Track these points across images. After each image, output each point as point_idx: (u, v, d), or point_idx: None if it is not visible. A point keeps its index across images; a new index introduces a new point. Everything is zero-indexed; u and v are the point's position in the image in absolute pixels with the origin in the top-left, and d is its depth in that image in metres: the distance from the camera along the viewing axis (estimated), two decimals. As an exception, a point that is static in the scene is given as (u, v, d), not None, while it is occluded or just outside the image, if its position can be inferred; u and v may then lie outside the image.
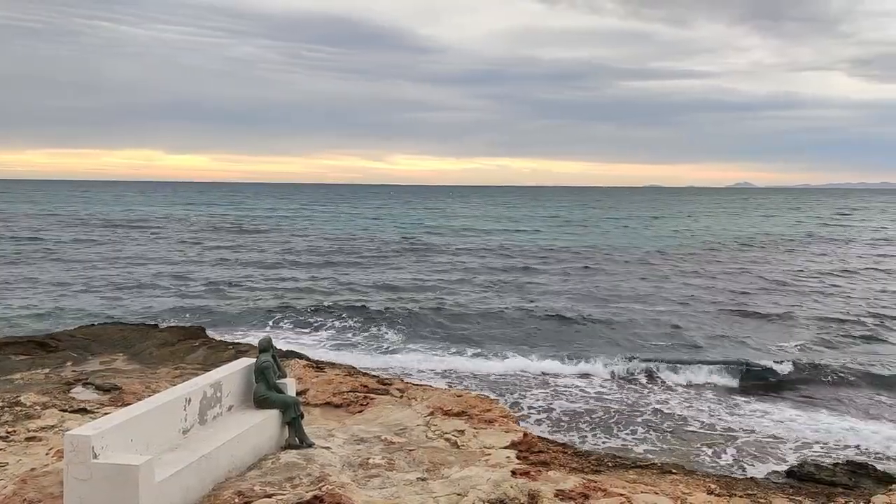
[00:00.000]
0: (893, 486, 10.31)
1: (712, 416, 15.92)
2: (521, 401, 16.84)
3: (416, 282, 35.77)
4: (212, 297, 30.72)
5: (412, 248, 52.93)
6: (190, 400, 8.60)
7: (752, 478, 12.17)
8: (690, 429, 15.08)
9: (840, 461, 12.88)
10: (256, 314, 27.11)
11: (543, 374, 19.24)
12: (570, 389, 17.80)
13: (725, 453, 13.81)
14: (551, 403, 16.67)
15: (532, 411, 16.10)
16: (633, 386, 18.22)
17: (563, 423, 15.36)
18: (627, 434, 14.74)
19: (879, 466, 12.57)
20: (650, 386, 18.23)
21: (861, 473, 12.04)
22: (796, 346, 23.07)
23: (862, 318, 27.07)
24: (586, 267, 42.17)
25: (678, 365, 20.28)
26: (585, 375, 19.18)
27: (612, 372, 19.46)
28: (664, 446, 14.09)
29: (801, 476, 12.08)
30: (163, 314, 26.76)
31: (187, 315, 26.56)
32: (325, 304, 29.24)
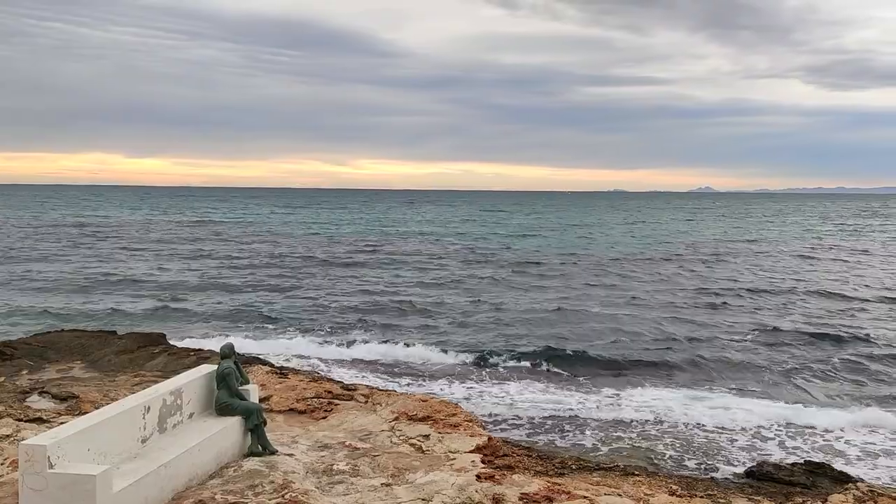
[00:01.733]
0: (850, 485, 10.54)
1: (673, 416, 16.09)
2: (485, 405, 16.84)
3: (382, 285, 35.63)
4: (173, 304, 30.23)
5: (375, 252, 52.73)
6: (149, 408, 8.45)
7: (712, 478, 12.36)
8: (653, 430, 15.23)
9: (798, 461, 13.14)
10: (218, 320, 26.76)
11: (509, 378, 19.28)
12: (534, 393, 17.86)
13: (687, 454, 13.97)
14: (515, 407, 16.70)
15: (497, 415, 16.12)
16: (595, 389, 18.34)
17: (527, 427, 15.41)
18: (591, 436, 14.84)
19: (837, 466, 12.86)
20: (611, 388, 18.36)
21: (819, 473, 12.28)
22: (750, 344, 23.48)
23: (810, 316, 27.69)
24: (541, 275, 42.32)
25: (638, 366, 20.55)
26: (548, 379, 19.27)
27: (574, 375, 19.58)
28: (627, 448, 14.21)
29: (760, 476, 12.29)
30: (122, 321, 26.26)
31: (147, 321, 26.09)
32: (290, 309, 28.99)
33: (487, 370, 20.02)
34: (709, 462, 13.56)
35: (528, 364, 20.68)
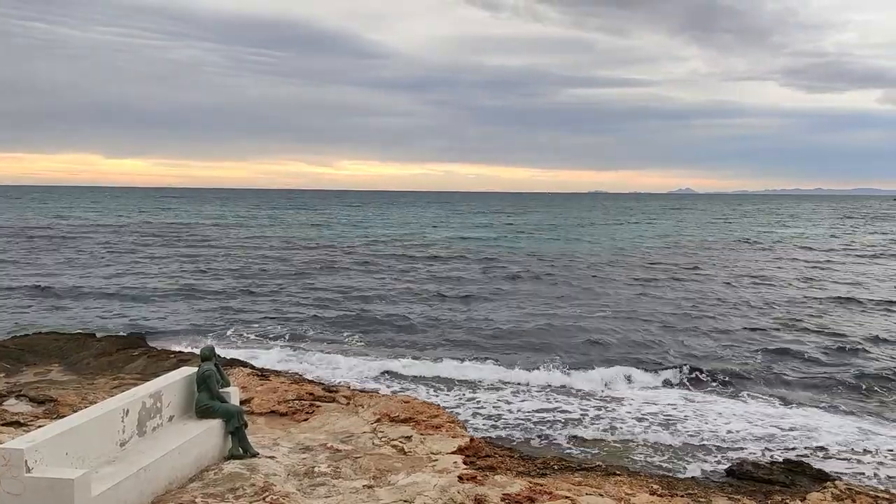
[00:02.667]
0: (828, 483, 10.65)
1: (654, 416, 16.19)
2: (467, 406, 16.86)
3: (363, 289, 35.55)
4: (152, 306, 29.97)
5: (358, 255, 52.60)
6: (128, 411, 8.37)
7: (693, 477, 12.46)
8: (634, 430, 15.30)
9: (778, 460, 13.27)
10: (199, 322, 26.54)
11: (489, 379, 19.30)
12: (516, 395, 17.90)
13: (668, 453, 14.05)
14: (498, 408, 16.73)
15: (479, 416, 16.13)
16: (576, 390, 18.40)
17: (510, 428, 15.42)
18: (573, 437, 14.87)
19: (815, 465, 13.00)
20: (592, 389, 18.44)
21: (797, 472, 12.42)
22: (730, 344, 23.67)
23: (786, 316, 27.98)
24: (517, 277, 42.40)
25: (618, 368, 20.62)
26: (529, 380, 19.29)
27: (556, 377, 19.62)
28: (609, 448, 14.26)
29: (739, 475, 12.41)
30: (101, 323, 26.00)
31: (127, 324, 25.85)
32: (271, 311, 28.84)
33: (469, 372, 20.00)
34: (689, 461, 13.64)
35: (509, 366, 20.69)
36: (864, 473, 13.22)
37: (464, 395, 17.83)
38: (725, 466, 13.04)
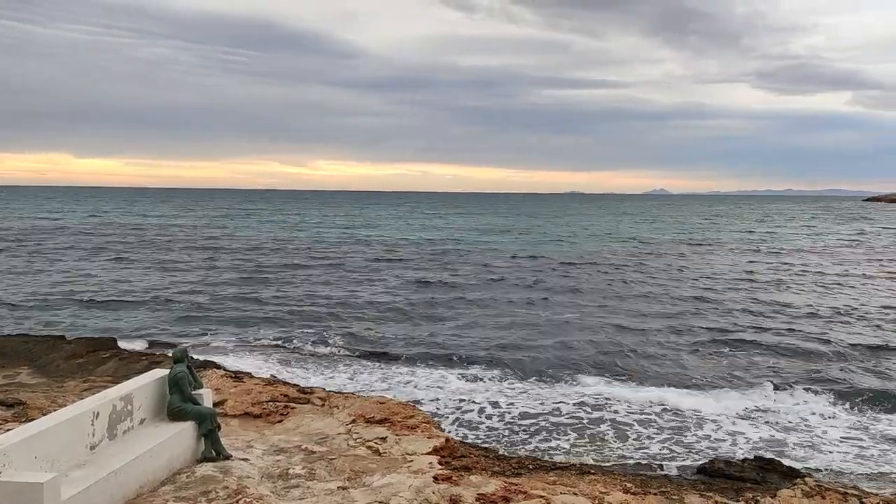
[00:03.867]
0: (798, 480, 10.81)
1: (627, 415, 16.32)
2: (443, 407, 16.87)
3: (338, 291, 35.43)
4: (123, 307, 29.60)
5: (332, 256, 52.42)
6: (98, 414, 8.26)
7: (666, 475, 12.57)
8: (608, 429, 15.42)
9: (749, 457, 13.43)
10: (171, 324, 26.27)
11: (465, 380, 19.34)
12: (491, 394, 17.94)
13: (641, 451, 14.17)
14: (474, 409, 16.76)
15: (455, 417, 16.15)
16: (551, 390, 18.50)
17: (485, 428, 15.47)
18: (548, 436, 14.96)
19: (786, 462, 13.19)
20: (567, 389, 18.55)
21: (768, 468, 12.60)
22: (700, 342, 23.93)
23: (759, 315, 28.35)
24: (492, 279, 42.59)
25: (591, 367, 20.81)
26: (505, 380, 19.38)
27: (529, 378, 19.72)
28: (583, 447, 14.36)
29: (711, 472, 12.55)
30: (70, 325, 25.64)
31: (97, 326, 25.51)
32: (245, 313, 28.62)
33: (444, 372, 20.03)
34: (663, 459, 13.76)
35: (484, 366, 20.74)
36: (833, 470, 13.44)
37: (440, 395, 17.84)
38: (698, 464, 13.18)
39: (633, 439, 14.88)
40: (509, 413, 16.48)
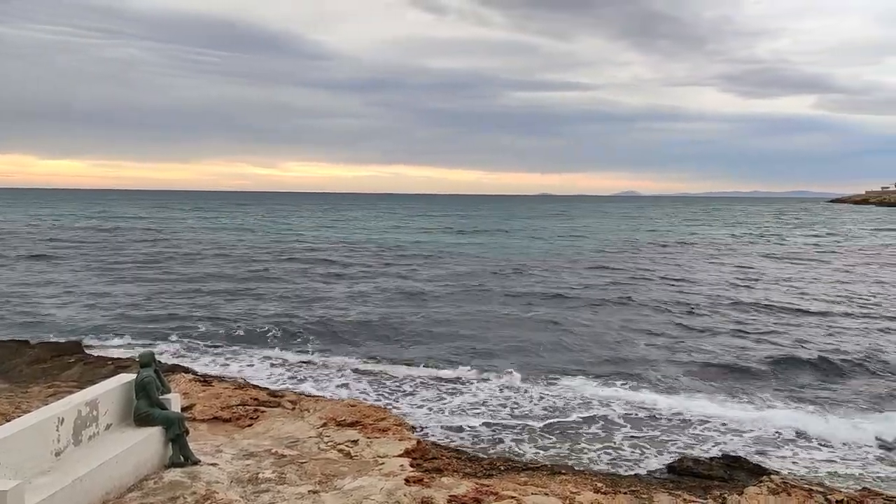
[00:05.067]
0: (765, 477, 10.97)
1: (598, 414, 16.43)
2: (415, 408, 16.83)
3: (307, 293, 35.21)
4: (88, 311, 29.10)
5: (302, 258, 52.11)
6: (63, 419, 8.12)
7: (636, 474, 12.69)
8: (579, 429, 15.51)
9: (717, 455, 13.62)
10: (138, 328, 25.87)
11: (438, 380, 19.33)
12: (463, 395, 17.95)
13: (612, 451, 14.26)
14: (446, 410, 16.75)
15: (427, 418, 16.11)
16: (522, 389, 18.56)
17: (457, 429, 15.46)
18: (520, 437, 14.98)
19: (753, 459, 13.39)
20: (538, 388, 18.62)
21: (735, 466, 12.79)
22: (670, 341, 24.20)
23: (726, 314, 28.77)
24: (461, 278, 42.70)
25: (563, 366, 20.93)
26: (475, 380, 19.39)
27: (501, 377, 19.78)
28: (555, 447, 14.41)
29: (680, 471, 12.71)
30: (34, 329, 25.14)
31: (61, 330, 25.06)
32: (213, 316, 28.30)
33: (416, 374, 20.00)
34: (633, 458, 13.88)
35: (455, 367, 20.75)
36: (799, 466, 13.66)
37: (412, 397, 17.80)
38: (667, 463, 13.32)
39: (605, 439, 14.98)
40: (481, 414, 16.50)
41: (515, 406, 17.13)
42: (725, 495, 10.22)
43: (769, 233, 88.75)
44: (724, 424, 16.05)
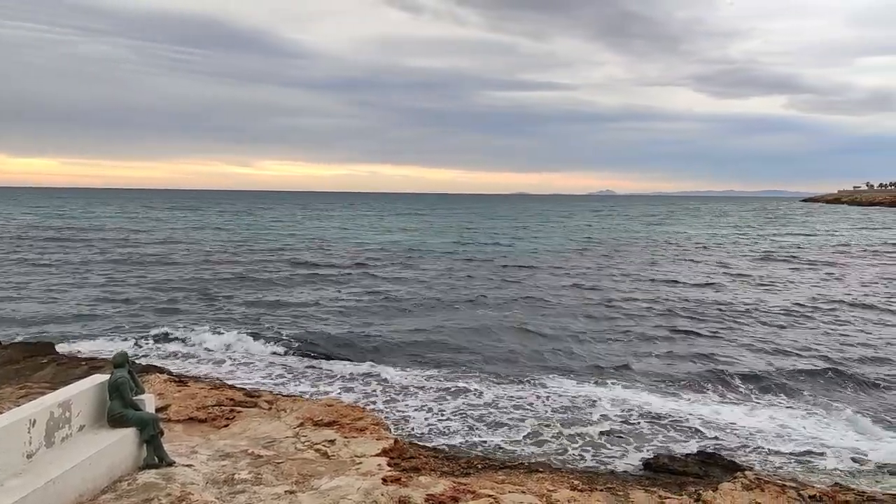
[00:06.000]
0: (739, 473, 11.10)
1: (575, 412, 16.53)
2: (393, 408, 16.82)
3: (282, 292, 35.03)
4: (61, 311, 28.72)
5: (276, 258, 51.82)
6: (35, 421, 8.00)
7: (612, 472, 12.78)
8: (556, 427, 15.58)
9: (692, 452, 13.76)
10: (111, 328, 25.57)
11: (417, 379, 19.32)
12: (441, 394, 17.96)
13: (588, 448, 14.35)
14: (423, 410, 16.75)
15: (404, 418, 16.11)
16: (500, 387, 18.62)
17: (435, 428, 15.47)
18: (497, 435, 15.03)
19: (727, 456, 13.54)
20: (516, 386, 18.69)
21: (710, 463, 12.93)
22: (646, 339, 24.41)
23: (698, 312, 29.08)
24: (434, 276, 42.72)
25: (540, 363, 21.05)
26: (454, 378, 19.42)
27: (479, 375, 19.83)
28: (532, 445, 14.47)
29: (656, 468, 12.82)
30: (5, 330, 24.74)
31: (34, 331, 24.69)
32: (188, 316, 28.06)
33: (395, 373, 19.98)
34: (609, 456, 13.98)
35: (435, 367, 20.78)
36: (774, 463, 13.84)
37: (390, 396, 17.77)
38: (643, 460, 13.43)
39: (582, 437, 15.06)
40: (459, 413, 16.51)
41: (493, 406, 17.17)
42: (700, 491, 10.32)
43: (748, 232, 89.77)
44: (699, 422, 16.21)
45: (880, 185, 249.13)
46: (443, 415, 16.42)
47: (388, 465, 10.42)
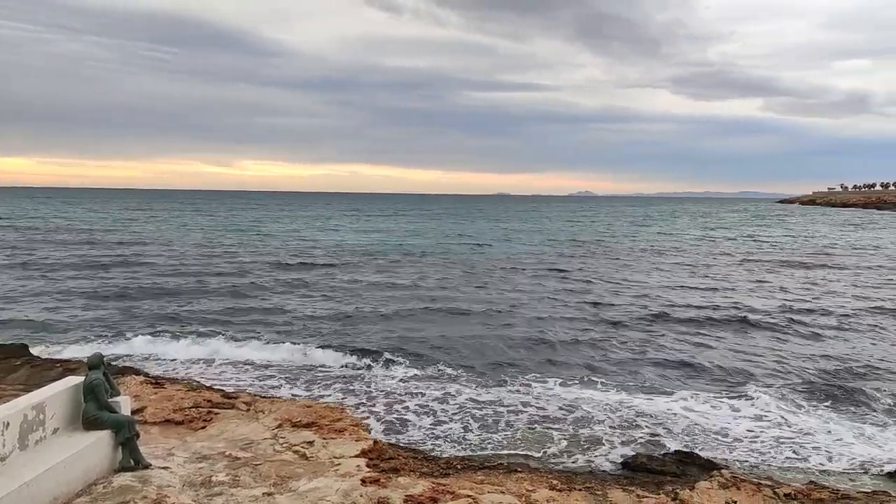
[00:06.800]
0: (715, 472, 11.21)
1: (554, 412, 16.58)
2: (373, 408, 16.77)
3: (263, 293, 34.81)
4: (35, 312, 28.32)
5: (249, 258, 51.51)
6: (8, 424, 7.90)
7: (590, 471, 12.84)
8: (536, 427, 15.62)
9: (670, 451, 13.85)
10: (86, 330, 25.25)
11: (397, 379, 19.29)
12: (420, 394, 17.94)
13: (568, 448, 14.38)
14: (403, 410, 16.72)
15: (384, 418, 16.06)
16: (478, 388, 18.63)
17: (414, 429, 15.45)
18: (476, 435, 15.04)
19: (704, 454, 13.66)
20: (495, 387, 18.72)
21: (688, 462, 13.03)
22: (621, 339, 24.56)
23: (671, 311, 29.33)
24: (412, 277, 42.70)
25: (518, 363, 21.11)
26: (433, 379, 19.41)
27: (457, 375, 19.84)
28: (512, 446, 14.49)
29: (634, 467, 12.90)
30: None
31: (7, 332, 24.32)
32: (164, 317, 27.79)
33: (374, 374, 19.93)
34: (588, 455, 14.03)
35: (414, 367, 20.74)
36: (749, 462, 13.97)
37: (369, 397, 17.72)
38: (621, 460, 13.50)
39: (561, 437, 15.10)
40: (439, 413, 16.50)
41: (474, 406, 17.18)
42: (677, 490, 10.40)
43: (727, 233, 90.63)
44: (677, 421, 16.33)
45: (854, 187, 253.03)
46: (423, 414, 16.39)
47: (368, 466, 10.40)
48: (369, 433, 12.82)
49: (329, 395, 17.69)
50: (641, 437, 15.24)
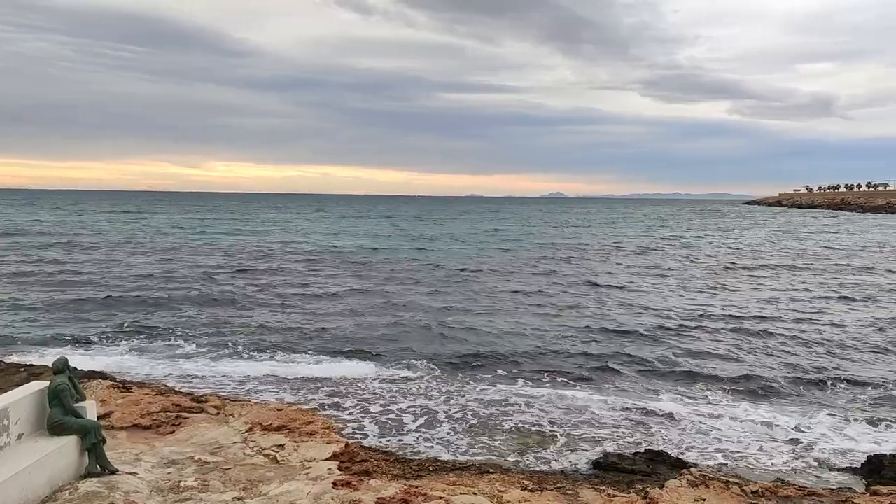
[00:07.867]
0: (685, 470, 11.33)
1: (525, 413, 16.64)
2: (344, 411, 16.70)
3: (230, 295, 34.46)
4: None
5: (221, 260, 51.01)
6: (-30, 431, 7.73)
7: (562, 471, 12.91)
8: (507, 427, 15.67)
9: (640, 450, 13.97)
10: (51, 334, 24.77)
11: (369, 380, 19.21)
12: (393, 395, 17.90)
13: (539, 449, 14.47)
14: (375, 412, 16.67)
15: (356, 421, 16.00)
16: (452, 388, 18.63)
17: (386, 431, 15.41)
18: (449, 437, 15.05)
19: (674, 453, 13.80)
20: (467, 387, 18.74)
21: (658, 461, 13.17)
22: (593, 338, 24.74)
23: (644, 311, 29.63)
24: (386, 278, 42.63)
25: (491, 364, 21.18)
26: (407, 381, 19.37)
27: (430, 376, 19.84)
28: (483, 447, 14.53)
29: (605, 466, 13.00)
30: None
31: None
32: (131, 320, 27.38)
33: (346, 375, 19.82)
34: (560, 456, 14.11)
35: (390, 368, 20.70)
36: (718, 460, 14.15)
37: (341, 399, 17.63)
38: (592, 459, 13.59)
39: (533, 437, 15.17)
40: (411, 415, 16.48)
41: (445, 408, 17.18)
42: (647, 489, 10.50)
43: (702, 235, 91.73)
44: (648, 420, 16.50)
45: (819, 189, 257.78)
46: (395, 416, 16.35)
47: (339, 468, 10.35)
48: (341, 436, 12.76)
49: (296, 398, 17.56)
50: (611, 437, 15.37)
